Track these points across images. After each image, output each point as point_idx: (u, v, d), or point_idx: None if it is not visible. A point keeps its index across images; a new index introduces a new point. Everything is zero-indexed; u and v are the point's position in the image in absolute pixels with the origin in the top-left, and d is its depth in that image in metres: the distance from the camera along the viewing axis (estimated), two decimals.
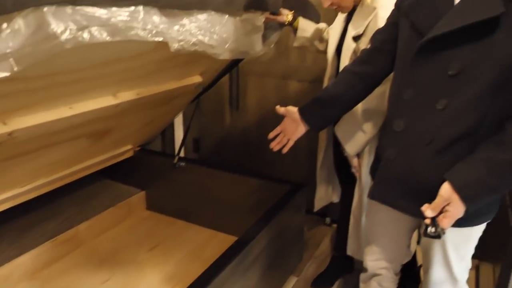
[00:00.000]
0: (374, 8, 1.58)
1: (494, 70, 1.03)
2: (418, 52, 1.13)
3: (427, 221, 1.05)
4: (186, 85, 2.10)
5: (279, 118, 1.59)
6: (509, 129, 1.03)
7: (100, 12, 0.99)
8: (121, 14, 1.05)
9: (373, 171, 1.37)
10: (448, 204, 1.05)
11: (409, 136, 1.19)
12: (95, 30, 0.97)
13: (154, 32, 1.14)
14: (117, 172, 2.61)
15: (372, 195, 1.32)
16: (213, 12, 1.42)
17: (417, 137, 1.16)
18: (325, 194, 2.12)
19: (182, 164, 2.49)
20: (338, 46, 1.79)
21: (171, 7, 1.21)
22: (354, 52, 1.66)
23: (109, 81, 1.61)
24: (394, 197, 1.25)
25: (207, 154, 3.43)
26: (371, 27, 1.56)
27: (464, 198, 1.04)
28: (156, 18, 1.15)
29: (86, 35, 0.96)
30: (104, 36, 1.00)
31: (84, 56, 1.31)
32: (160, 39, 1.17)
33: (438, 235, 1.04)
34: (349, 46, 1.67)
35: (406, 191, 1.22)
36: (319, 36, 1.94)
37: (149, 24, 1.13)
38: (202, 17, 1.36)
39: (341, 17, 1.82)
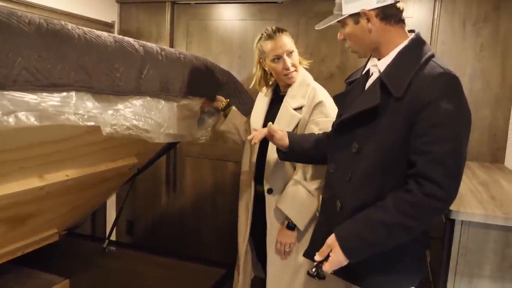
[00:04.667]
0: (308, 85, 1.84)
1: (379, 149, 1.22)
2: (334, 134, 1.40)
3: (315, 263, 1.26)
4: (120, 166, 2.06)
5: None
6: (388, 197, 1.20)
7: (29, 97, 0.98)
8: (52, 100, 1.04)
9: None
10: (331, 251, 1.23)
11: (330, 204, 1.37)
12: (22, 115, 0.95)
13: (86, 116, 1.14)
14: (38, 259, 2.40)
15: (306, 253, 1.47)
16: (149, 98, 1.45)
17: (334, 204, 1.34)
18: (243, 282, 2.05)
19: (113, 248, 2.36)
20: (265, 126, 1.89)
21: (106, 93, 1.23)
22: (300, 122, 1.80)
23: (35, 163, 1.54)
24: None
25: (141, 237, 3.28)
26: (310, 98, 1.81)
27: (343, 247, 1.21)
28: (89, 103, 1.16)
29: (12, 119, 0.94)
30: (32, 120, 0.98)
31: (10, 138, 1.26)
32: (92, 123, 1.16)
33: (316, 275, 1.24)
34: (292, 116, 1.82)
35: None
36: (246, 126, 2.03)
37: (81, 109, 1.12)
38: (137, 102, 1.39)
39: (263, 101, 1.97)
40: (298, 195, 1.79)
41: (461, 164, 1.16)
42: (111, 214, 3.14)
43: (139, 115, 1.38)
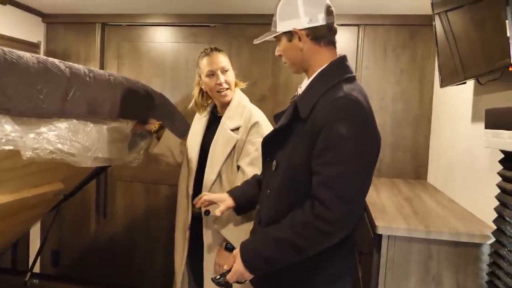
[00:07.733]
0: (245, 106, 1.89)
1: (288, 168, 1.26)
2: (262, 153, 1.42)
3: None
4: (44, 192, 1.92)
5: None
6: (289, 215, 1.22)
7: None
8: None
9: None
10: (234, 262, 1.28)
11: (257, 218, 1.43)
12: None
13: (3, 140, 1.07)
14: None
15: None
16: (75, 121, 1.39)
17: (259, 218, 1.39)
18: None
19: (36, 281, 2.19)
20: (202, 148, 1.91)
21: (27, 115, 1.16)
22: (237, 143, 1.83)
23: None
24: None
25: (68, 267, 3.09)
26: (247, 118, 1.85)
27: (243, 259, 1.25)
28: (8, 126, 1.09)
29: None
30: None
31: None
32: (10, 147, 1.09)
33: (218, 282, 1.29)
34: (229, 137, 1.84)
35: None
36: (182, 148, 2.02)
37: None
38: (62, 125, 1.32)
39: (200, 122, 1.98)
40: (236, 217, 1.79)
41: (354, 188, 1.16)
42: (34, 244, 2.94)
43: (64, 138, 1.32)
